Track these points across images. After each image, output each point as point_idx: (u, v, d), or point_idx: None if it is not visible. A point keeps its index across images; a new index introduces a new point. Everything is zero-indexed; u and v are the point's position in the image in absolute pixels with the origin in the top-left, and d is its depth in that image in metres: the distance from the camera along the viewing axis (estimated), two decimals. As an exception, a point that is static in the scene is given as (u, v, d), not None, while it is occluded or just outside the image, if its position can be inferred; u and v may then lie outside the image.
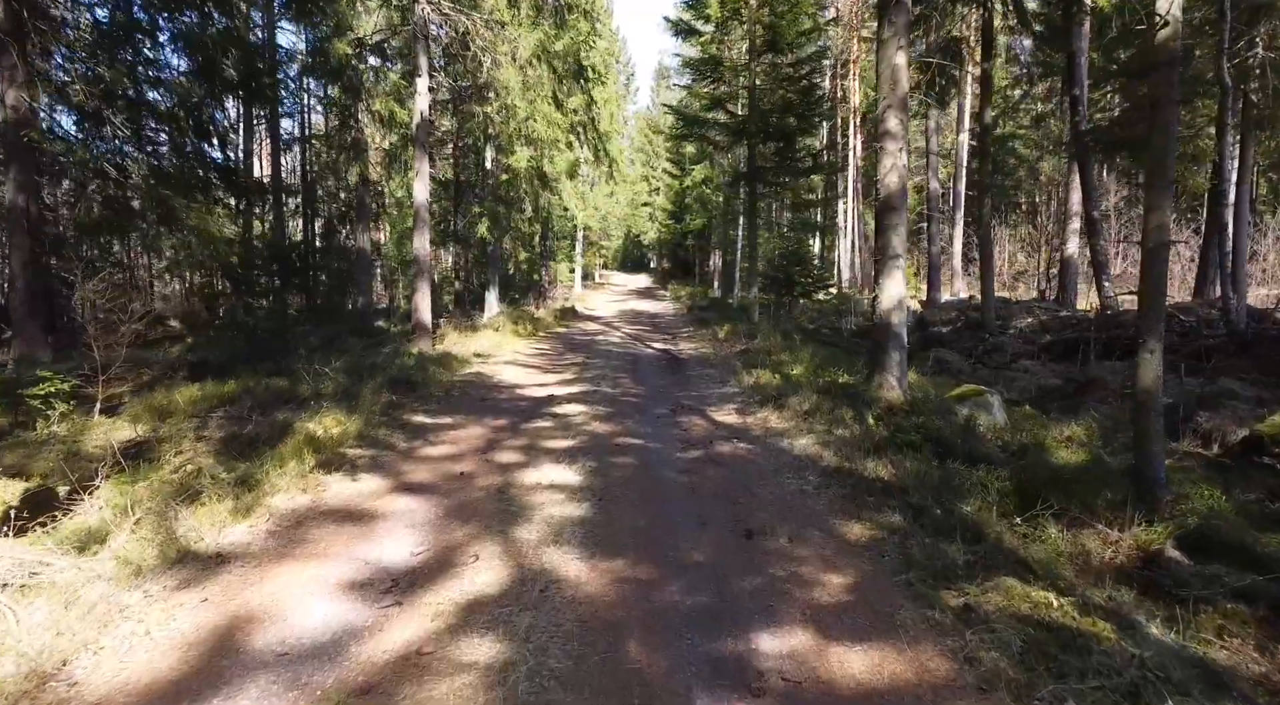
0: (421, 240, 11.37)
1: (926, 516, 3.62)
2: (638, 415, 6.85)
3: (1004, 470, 4.12)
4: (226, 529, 3.69)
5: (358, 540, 3.60)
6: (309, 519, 3.90)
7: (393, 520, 3.91)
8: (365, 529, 3.76)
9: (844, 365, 8.59)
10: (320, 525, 3.80)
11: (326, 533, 3.70)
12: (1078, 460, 4.77)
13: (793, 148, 14.12)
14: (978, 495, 3.79)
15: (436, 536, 3.67)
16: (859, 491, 4.21)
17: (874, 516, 3.79)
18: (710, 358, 11.46)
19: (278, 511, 3.98)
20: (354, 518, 3.94)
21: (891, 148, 6.16)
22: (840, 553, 3.40)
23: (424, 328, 11.37)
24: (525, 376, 9.33)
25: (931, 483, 4.09)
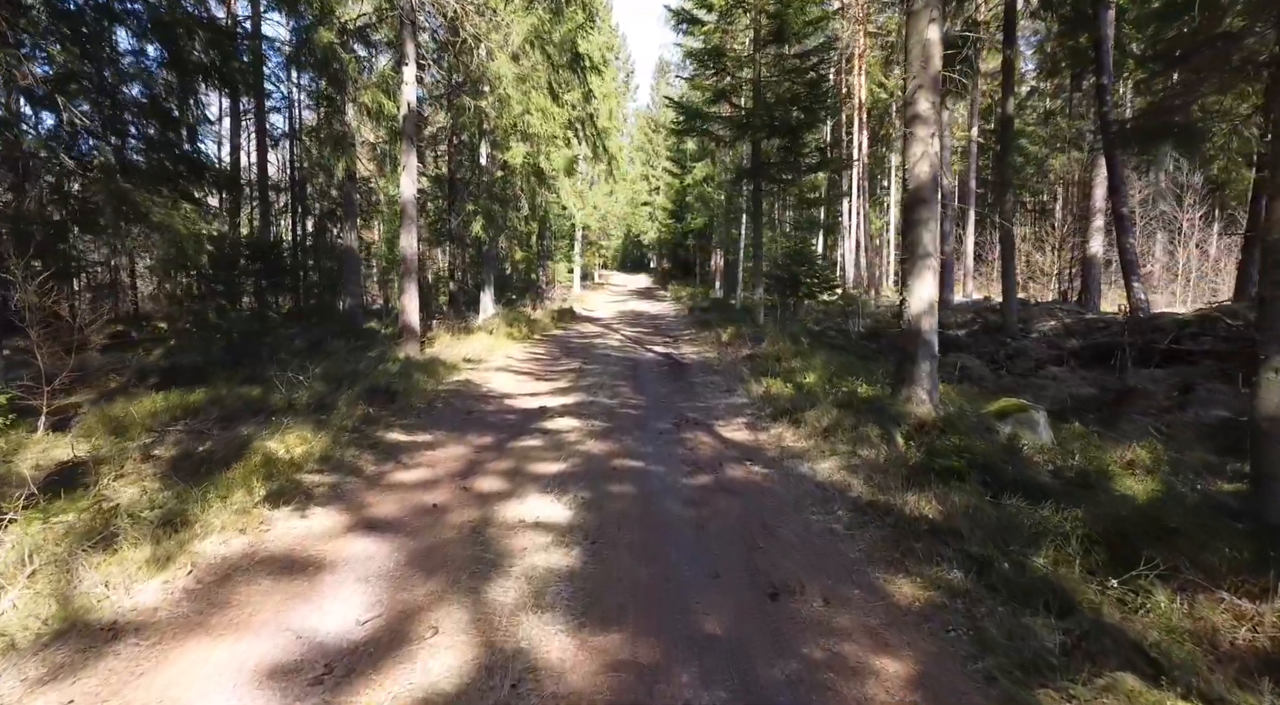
0: (409, 239, 10.68)
1: (993, 573, 2.93)
2: (637, 431, 6.16)
3: (1075, 509, 3.43)
4: (137, 586, 3.00)
5: (294, 601, 2.91)
6: (240, 571, 3.21)
7: (343, 571, 3.22)
8: (307, 585, 3.08)
9: (861, 374, 7.90)
10: (252, 580, 3.12)
11: (257, 591, 3.01)
12: (1148, 491, 4.08)
13: (799, 143, 13.43)
14: (1050, 543, 3.11)
15: (392, 595, 2.98)
16: (902, 534, 3.51)
17: (926, 570, 3.10)
18: (714, 363, 10.77)
19: (204, 561, 3.29)
20: (296, 568, 3.25)
21: (922, 133, 5.47)
22: (891, 623, 2.71)
23: (411, 331, 10.68)
24: (516, 385, 8.64)
25: (989, 524, 3.40)
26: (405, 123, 10.63)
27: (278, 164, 19.97)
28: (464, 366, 9.90)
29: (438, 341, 12.57)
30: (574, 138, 20.67)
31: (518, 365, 10.36)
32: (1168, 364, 7.88)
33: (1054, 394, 8.06)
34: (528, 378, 9.19)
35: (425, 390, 7.92)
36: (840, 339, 14.30)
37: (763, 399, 7.41)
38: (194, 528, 3.57)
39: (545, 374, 9.52)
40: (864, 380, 7.50)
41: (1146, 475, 4.40)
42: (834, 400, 6.26)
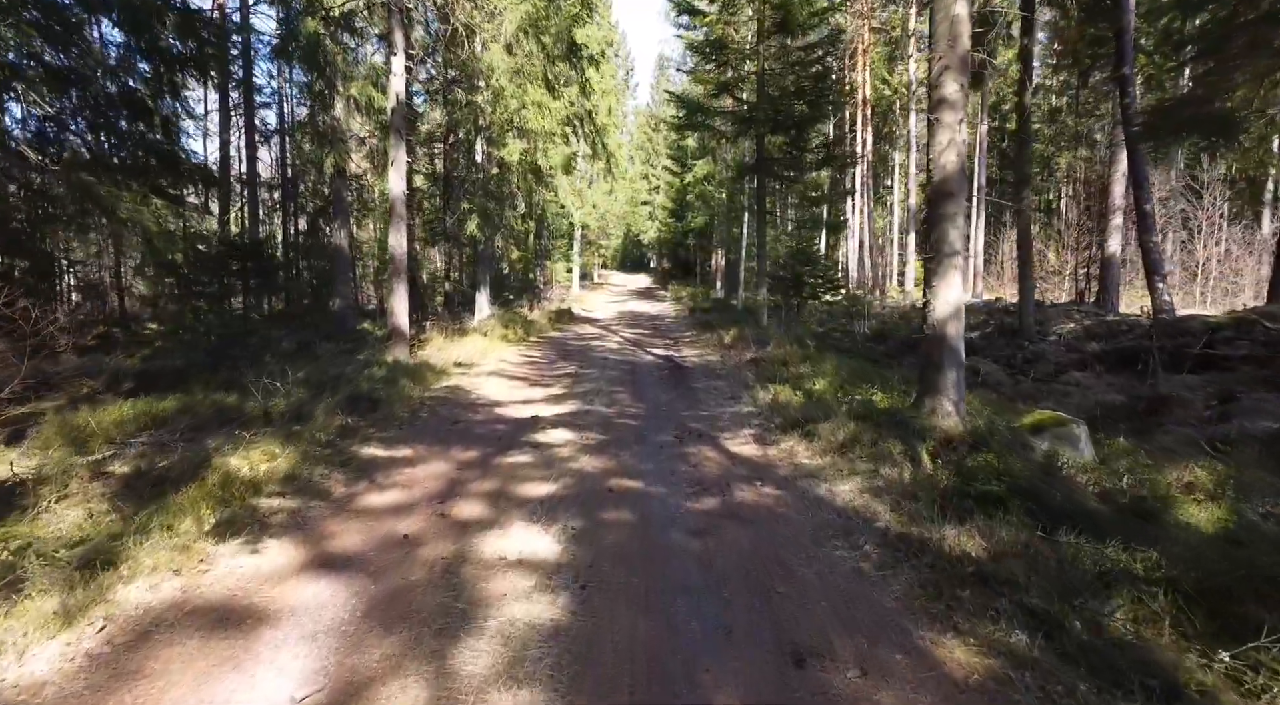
0: (398, 237, 10.17)
1: (1064, 635, 2.41)
2: (636, 444, 5.65)
3: (1147, 550, 2.91)
4: (33, 649, 2.49)
5: (221, 670, 2.40)
6: (164, 626, 2.69)
7: (287, 625, 2.71)
8: (241, 644, 2.56)
9: (875, 380, 7.39)
10: (175, 638, 2.60)
11: (178, 655, 2.49)
12: (1216, 520, 3.58)
13: (803, 137, 12.91)
14: (1127, 595, 2.59)
15: (341, 660, 2.47)
16: (944, 578, 3.00)
17: (980, 629, 2.59)
18: (717, 367, 10.25)
19: (123, 613, 2.77)
20: (233, 621, 2.74)
21: (948, 119, 4.95)
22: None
23: (401, 334, 10.17)
24: (509, 391, 8.12)
25: (1047, 569, 2.89)
26: (394, 116, 10.12)
27: (270, 160, 19.46)
28: (454, 371, 9.39)
29: (430, 344, 12.07)
30: (572, 134, 20.15)
31: (511, 370, 9.85)
32: (1201, 370, 7.37)
33: (1079, 402, 7.54)
34: (521, 384, 8.67)
35: (411, 398, 7.42)
36: (846, 341, 13.80)
37: (770, 408, 6.89)
38: (120, 568, 3.06)
39: (539, 379, 9.00)
40: (878, 387, 6.99)
41: (1210, 501, 3.89)
42: (849, 411, 5.74)
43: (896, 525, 3.65)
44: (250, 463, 4.80)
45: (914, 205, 18.66)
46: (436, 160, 20.91)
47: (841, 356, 10.47)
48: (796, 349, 9.60)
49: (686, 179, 25.55)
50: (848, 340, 14.12)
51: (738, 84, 12.85)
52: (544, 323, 17.15)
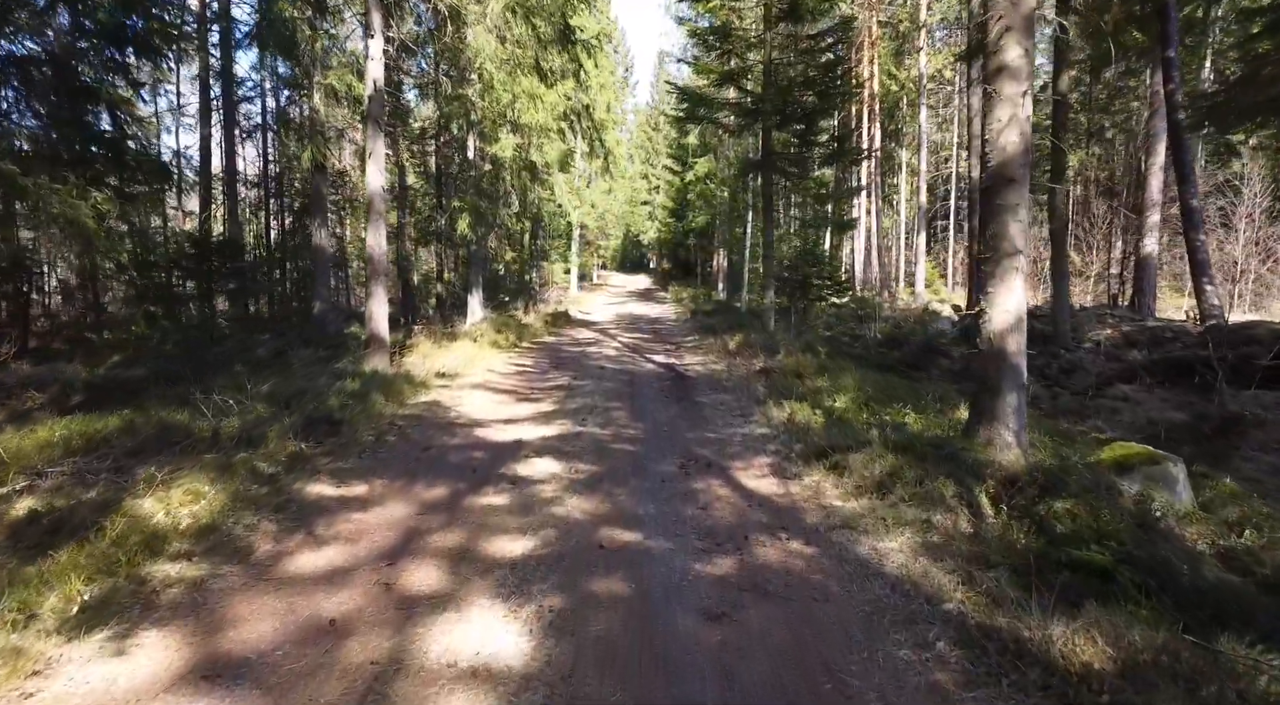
0: (376, 236, 9.29)
1: None
2: (634, 478, 4.78)
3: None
4: None
5: None
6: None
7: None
8: None
9: (903, 397, 6.52)
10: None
11: None
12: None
13: (813, 131, 12.04)
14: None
15: None
16: (1066, 710, 2.12)
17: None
18: (722, 377, 9.37)
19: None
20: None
21: (1009, 91, 4.08)
22: None
23: (380, 341, 9.29)
24: (493, 407, 7.25)
25: (1220, 702, 2.01)
26: (372, 104, 9.24)
27: (256, 157, 18.57)
28: (435, 383, 8.50)
29: (416, 350, 11.19)
30: (568, 130, 19.31)
31: (498, 381, 8.97)
32: (1272, 385, 6.50)
33: (1130, 420, 6.68)
34: (507, 398, 7.79)
35: (381, 416, 6.54)
36: (858, 347, 12.93)
37: (787, 429, 6.01)
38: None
39: (528, 393, 8.12)
40: (909, 406, 6.11)
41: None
42: (883, 438, 4.86)
43: (974, 610, 2.77)
44: (168, 506, 3.94)
45: (924, 204, 17.78)
46: (428, 158, 20.07)
47: (859, 366, 9.61)
48: (810, 358, 8.72)
49: (687, 177, 24.69)
50: (859, 346, 13.26)
51: (743, 74, 11.98)
52: (539, 327, 16.27)
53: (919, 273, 17.34)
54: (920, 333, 12.91)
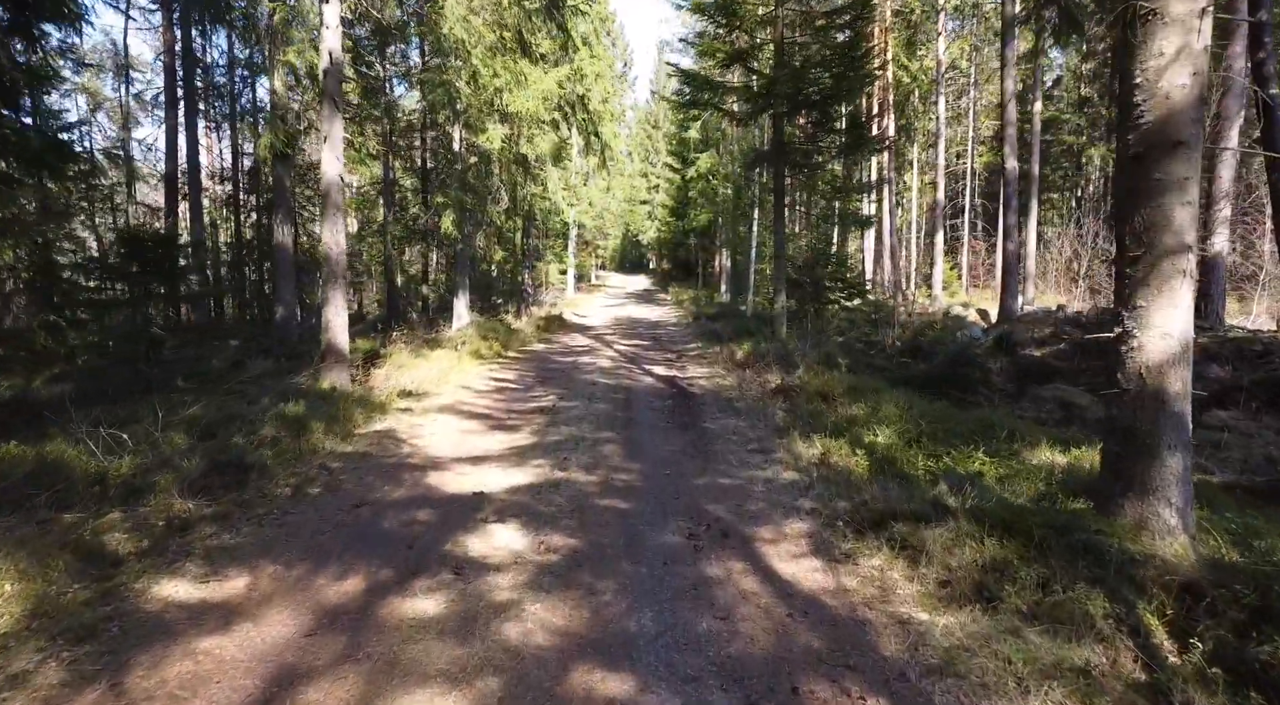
0: (333, 232, 7.97)
1: None
2: (626, 558, 3.46)
3: None
4: None
5: None
6: None
7: None
8: None
9: (967, 431, 5.18)
10: None
11: None
12: None
13: (829, 118, 10.70)
14: None
15: None
16: None
17: None
18: (732, 395, 8.05)
19: None
20: None
21: (1180, 9, 2.75)
22: None
23: (338, 353, 7.98)
24: (458, 439, 5.91)
25: None
26: (327, 79, 7.92)
27: (231, 152, 17.22)
28: (396, 405, 7.18)
29: (389, 360, 9.88)
30: (563, 122, 17.96)
31: (472, 402, 7.63)
32: None
33: (1243, 456, 5.35)
34: (478, 426, 6.46)
35: (316, 453, 5.22)
36: (877, 357, 11.61)
37: (822, 476, 4.69)
38: None
39: (504, 418, 6.79)
40: (977, 445, 4.79)
41: None
42: (966, 505, 3.53)
43: None
44: (-62, 622, 2.62)
45: (941, 200, 16.43)
46: (416, 153, 18.74)
47: (882, 380, 8.31)
48: (836, 375, 7.39)
49: (689, 174, 23.34)
50: (877, 355, 11.94)
51: (752, 54, 10.64)
52: (529, 332, 14.95)
53: (936, 274, 16.01)
54: (947, 341, 11.57)
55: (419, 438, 5.91)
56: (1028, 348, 9.34)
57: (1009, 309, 11.05)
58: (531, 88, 14.04)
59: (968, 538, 3.17)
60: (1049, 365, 8.52)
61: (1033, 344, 9.36)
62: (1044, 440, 4.82)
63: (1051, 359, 8.71)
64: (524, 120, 14.45)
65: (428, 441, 5.80)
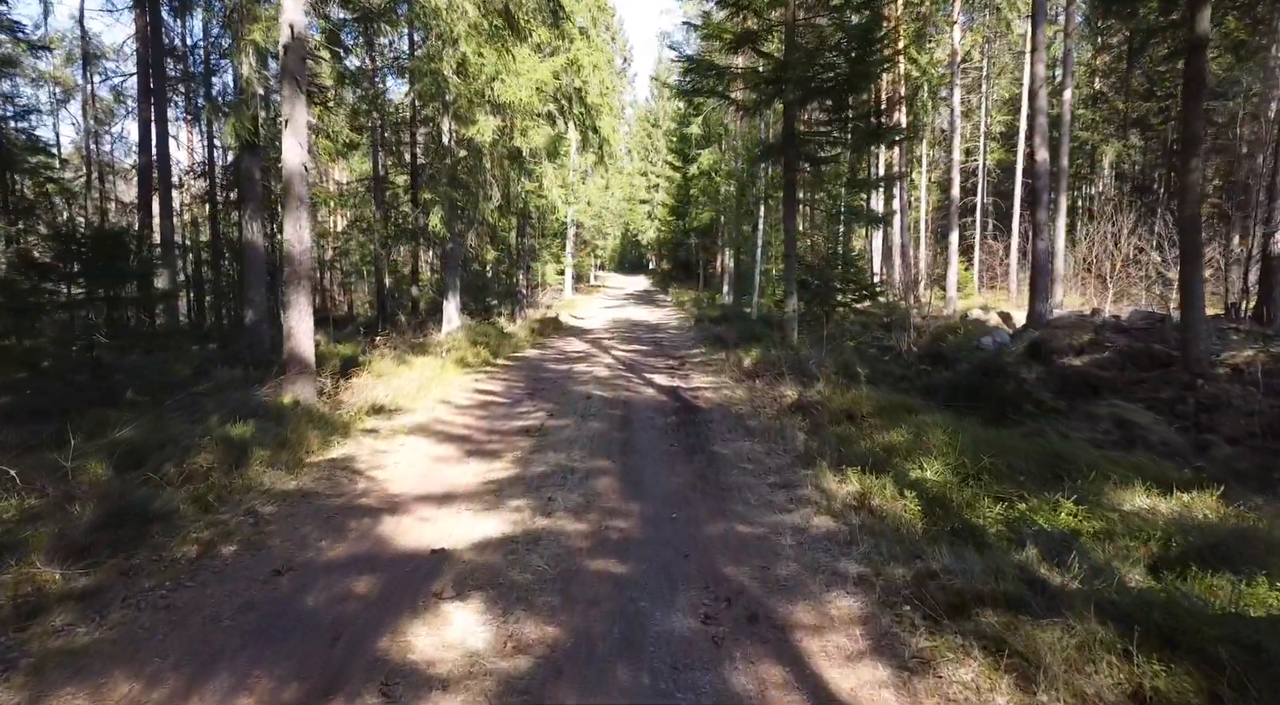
0: (296, 227, 7.03)
1: None
2: (621, 659, 2.53)
3: None
4: None
5: None
6: None
7: None
8: None
9: (1035, 465, 4.25)
10: None
11: None
12: None
13: (844, 106, 9.76)
14: None
15: None
16: None
17: None
18: (743, 410, 7.12)
19: None
20: None
21: None
22: None
23: (301, 364, 7.05)
24: (425, 470, 4.98)
25: None
26: (287, 56, 6.97)
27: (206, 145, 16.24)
28: (363, 424, 6.24)
29: (369, 368, 8.98)
30: (559, 116, 17.02)
31: (450, 420, 6.69)
32: None
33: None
34: (452, 451, 5.52)
35: (251, 489, 4.30)
36: (894, 365, 10.67)
37: (863, 525, 3.76)
38: None
39: (484, 441, 5.85)
40: (1065, 491, 3.86)
41: None
42: (1081, 588, 2.60)
43: None
44: None
45: (956, 197, 15.48)
46: (406, 150, 17.80)
47: (907, 391, 7.42)
48: (861, 391, 6.45)
49: (690, 171, 22.39)
50: (893, 361, 11.01)
51: (762, 35, 9.70)
52: (522, 336, 14.03)
53: (951, 275, 15.07)
54: (970, 347, 10.64)
55: (380, 468, 4.97)
56: (1065, 356, 8.40)
57: (1038, 313, 10.11)
58: (525, 77, 13.12)
59: (1102, 648, 2.23)
60: (1093, 376, 7.59)
61: (1070, 352, 8.43)
62: (1137, 484, 3.88)
63: (1094, 369, 7.78)
64: (517, 112, 13.51)
65: (390, 473, 4.86)
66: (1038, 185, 9.93)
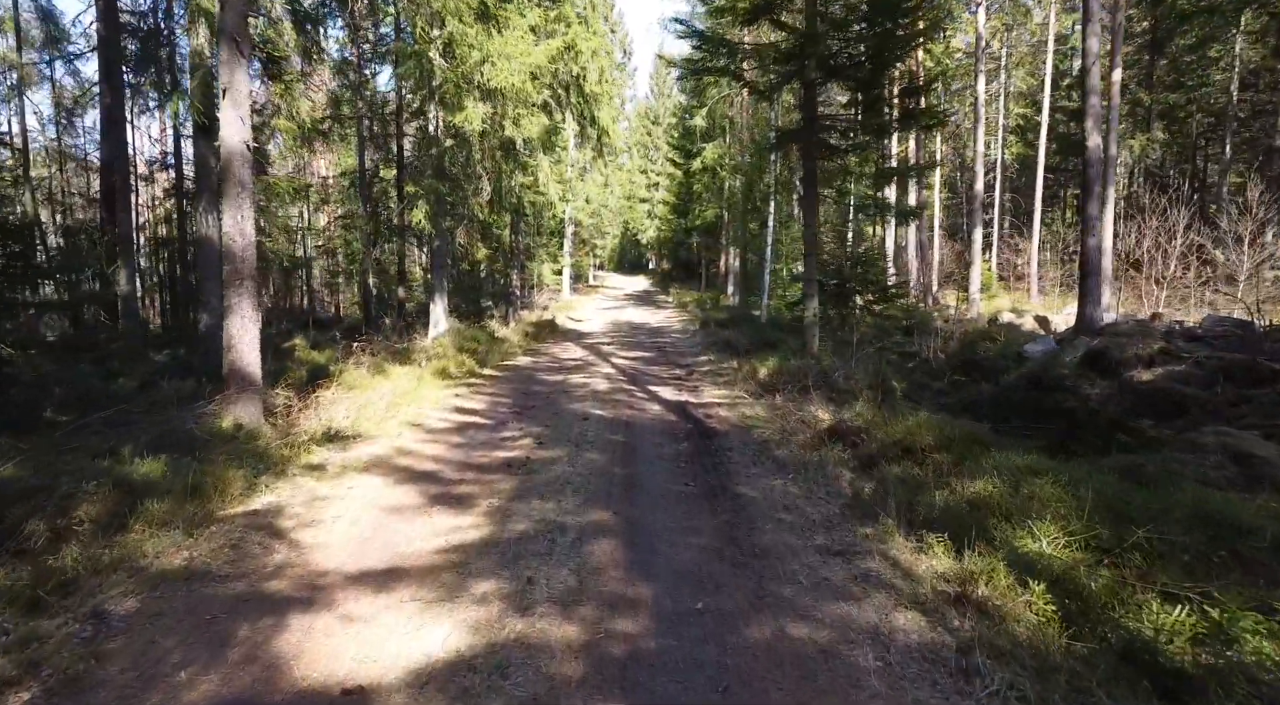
0: (236, 217, 5.86)
1: None
2: None
3: None
4: None
5: None
6: None
7: None
8: None
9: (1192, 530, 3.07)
10: None
11: None
12: None
13: (878, 82, 8.56)
14: None
15: None
16: None
17: None
18: (765, 433, 5.95)
19: None
20: None
21: None
22: None
23: (245, 380, 5.89)
24: (372, 525, 3.79)
25: None
26: (225, 13, 5.78)
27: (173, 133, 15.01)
28: (307, 458, 5.05)
29: (338, 381, 7.82)
30: (555, 106, 15.82)
31: (416, 451, 5.50)
32: None
33: None
34: (412, 497, 4.33)
35: (128, 568, 3.14)
36: (920, 374, 9.48)
37: (978, 635, 2.59)
38: None
39: (455, 481, 4.66)
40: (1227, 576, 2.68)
41: None
42: None
43: None
44: None
45: (980, 191, 14.29)
46: (393, 142, 16.59)
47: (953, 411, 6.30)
48: (920, 417, 5.27)
49: (693, 166, 21.18)
50: (919, 370, 9.81)
51: (780, 3, 8.50)
52: (515, 340, 12.85)
53: (974, 275, 13.89)
54: (1010, 356, 9.47)
55: (312, 525, 3.79)
56: (1133, 368, 7.23)
57: (1089, 317, 8.93)
58: (517, 60, 11.95)
59: None
60: (1175, 394, 6.42)
61: (1138, 364, 7.25)
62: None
63: (1175, 385, 6.61)
64: (509, 98, 12.32)
65: (322, 534, 3.68)
66: (1089, 175, 8.75)
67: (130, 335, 11.36)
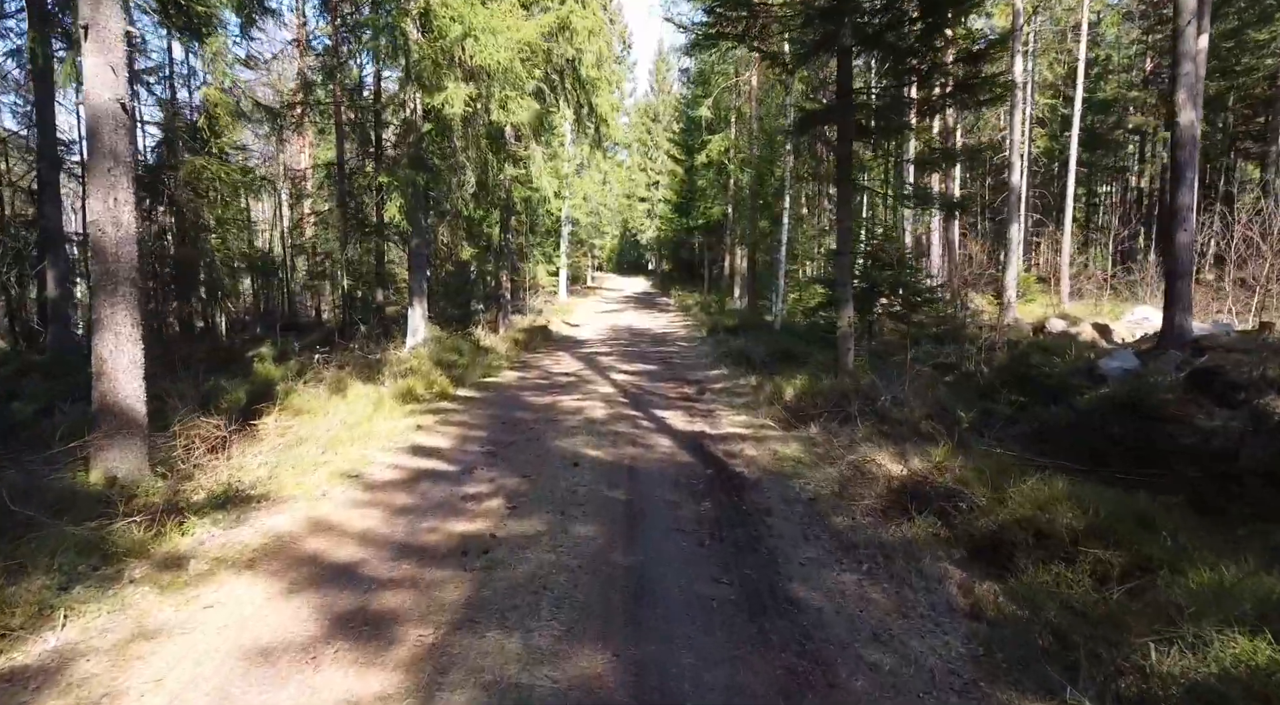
0: (109, 203, 4.36)
1: None
2: None
3: None
4: None
5: None
6: None
7: None
8: None
9: None
10: None
11: None
12: None
13: (928, 53, 7.03)
14: None
15: None
16: None
17: None
18: (810, 485, 4.44)
19: None
20: None
21: None
22: None
23: (120, 417, 4.37)
24: (209, 701, 2.24)
25: None
26: (87, -73, 4.24)
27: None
28: (173, 542, 3.50)
29: (284, 404, 6.31)
30: (549, 93, 14.26)
31: (338, 524, 3.95)
32: None
33: None
34: (304, 624, 2.78)
35: None
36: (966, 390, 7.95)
37: None
38: None
39: (379, 585, 3.11)
40: None
41: None
42: None
43: None
44: None
45: (1018, 184, 12.73)
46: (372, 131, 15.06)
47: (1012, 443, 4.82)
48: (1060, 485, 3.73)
49: (696, 161, 19.66)
50: (961, 384, 8.30)
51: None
52: (502, 351, 11.31)
53: (1010, 276, 12.35)
54: (1082, 372, 7.94)
55: (117, 698, 2.24)
56: (1262, 394, 5.71)
57: (1181, 328, 7.41)
58: (505, 35, 10.39)
59: None
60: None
61: (1271, 389, 5.73)
62: None
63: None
64: (496, 79, 10.76)
65: (118, 723, 2.13)
66: (1179, 157, 7.23)
67: (65, 346, 9.80)
